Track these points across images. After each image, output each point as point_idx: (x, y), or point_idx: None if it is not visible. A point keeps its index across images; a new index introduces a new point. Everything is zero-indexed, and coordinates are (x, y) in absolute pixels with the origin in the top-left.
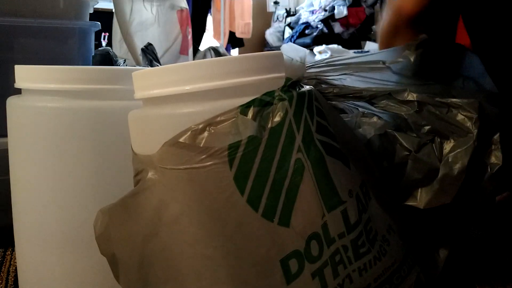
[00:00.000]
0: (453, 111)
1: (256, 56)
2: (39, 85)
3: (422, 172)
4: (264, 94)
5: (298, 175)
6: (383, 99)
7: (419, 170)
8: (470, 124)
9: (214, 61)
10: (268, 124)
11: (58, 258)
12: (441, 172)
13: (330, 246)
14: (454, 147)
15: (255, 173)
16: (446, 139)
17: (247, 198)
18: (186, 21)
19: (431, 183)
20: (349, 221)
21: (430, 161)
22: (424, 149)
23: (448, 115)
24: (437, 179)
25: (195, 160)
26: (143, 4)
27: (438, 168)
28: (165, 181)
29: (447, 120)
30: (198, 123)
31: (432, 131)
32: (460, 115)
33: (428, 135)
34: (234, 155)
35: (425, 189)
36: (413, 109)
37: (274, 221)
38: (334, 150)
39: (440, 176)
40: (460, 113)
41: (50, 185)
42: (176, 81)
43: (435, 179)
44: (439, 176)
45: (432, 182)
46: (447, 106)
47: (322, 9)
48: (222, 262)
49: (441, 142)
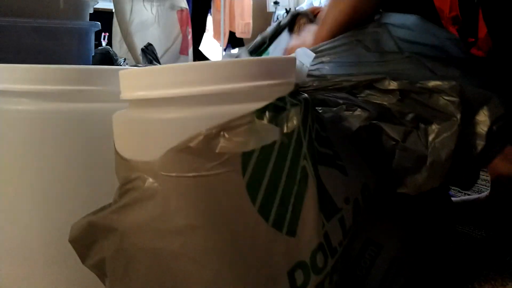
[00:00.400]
0: (434, 96)
1: (267, 60)
2: (5, 86)
3: (410, 161)
4: (277, 99)
5: (304, 183)
6: (365, 89)
7: (407, 159)
8: (453, 108)
9: (220, 63)
10: (283, 130)
11: (41, 274)
12: (429, 159)
13: (334, 256)
14: (439, 132)
15: (267, 181)
16: (430, 124)
17: (259, 207)
18: (186, 21)
19: (420, 170)
20: (345, 228)
21: (417, 149)
22: (410, 137)
23: (430, 100)
24: (425, 166)
25: (205, 167)
26: (143, 4)
27: (426, 155)
28: (168, 189)
29: (430, 105)
30: (210, 128)
31: (416, 118)
32: (442, 100)
33: (412, 122)
34: (248, 162)
35: (415, 177)
36: (395, 98)
37: (283, 231)
38: (329, 158)
39: (429, 163)
40: (442, 98)
41: (28, 197)
42: (181, 82)
43: (423, 166)
44: (428, 163)
45: (421, 169)
46: (428, 92)
47: None
48: (229, 276)
49: (425, 128)
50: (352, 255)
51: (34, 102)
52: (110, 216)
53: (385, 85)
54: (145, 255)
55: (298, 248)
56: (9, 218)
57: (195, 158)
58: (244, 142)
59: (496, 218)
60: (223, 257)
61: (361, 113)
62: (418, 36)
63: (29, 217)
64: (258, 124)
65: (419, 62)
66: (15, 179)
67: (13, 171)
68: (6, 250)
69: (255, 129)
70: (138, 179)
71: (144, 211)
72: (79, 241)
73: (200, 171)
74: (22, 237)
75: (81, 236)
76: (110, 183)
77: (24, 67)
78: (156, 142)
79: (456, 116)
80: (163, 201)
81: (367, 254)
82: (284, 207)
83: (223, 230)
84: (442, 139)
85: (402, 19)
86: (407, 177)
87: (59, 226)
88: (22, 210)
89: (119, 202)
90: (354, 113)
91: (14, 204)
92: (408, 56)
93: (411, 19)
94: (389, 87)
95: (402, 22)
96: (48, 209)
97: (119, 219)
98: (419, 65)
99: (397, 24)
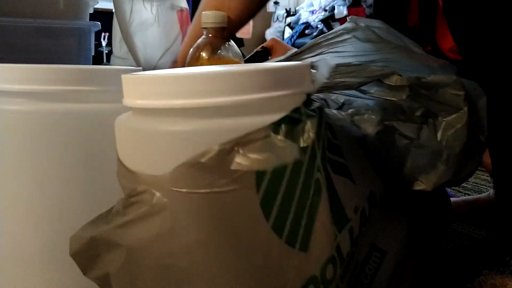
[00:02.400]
0: (440, 90)
1: (282, 68)
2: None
3: (426, 157)
4: (292, 110)
5: (317, 196)
6: (374, 86)
7: (423, 155)
8: (460, 101)
9: (234, 72)
10: (299, 144)
11: (41, 278)
12: (445, 152)
13: (342, 266)
14: (450, 126)
15: (281, 197)
16: (437, 118)
17: (273, 224)
18: (186, 21)
19: (436, 164)
20: (353, 238)
21: (431, 144)
22: (422, 133)
23: (437, 94)
24: (442, 160)
25: (218, 184)
26: (143, 4)
27: (439, 149)
28: (177, 206)
29: (437, 99)
30: (224, 143)
31: (425, 113)
32: (448, 93)
33: (421, 118)
34: (262, 178)
35: (432, 172)
36: (405, 94)
37: (296, 247)
38: (341, 167)
39: (445, 157)
40: (448, 92)
41: (24, 197)
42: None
43: (439, 160)
44: (444, 157)
45: (437, 164)
46: (435, 86)
47: (322, 9)
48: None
49: (433, 122)
50: (358, 262)
51: (31, 103)
52: (114, 231)
53: (394, 81)
54: (153, 272)
55: (310, 262)
56: (5, 219)
57: (208, 174)
58: (261, 160)
59: (498, 219)
60: (235, 275)
61: (372, 116)
62: (387, 36)
63: (25, 218)
64: (274, 139)
65: (406, 52)
66: (11, 180)
67: (10, 172)
68: (3, 252)
69: (271, 145)
70: (145, 193)
71: (151, 227)
72: (80, 255)
73: (213, 188)
74: (18, 239)
75: (82, 250)
76: (108, 185)
77: (19, 67)
78: (165, 155)
79: (464, 109)
80: (173, 217)
81: (372, 260)
82: (297, 222)
83: (236, 247)
84: (455, 131)
85: (370, 22)
86: (423, 174)
87: (56, 228)
88: (18, 211)
89: (124, 216)
90: (365, 117)
91: (10, 205)
92: (396, 47)
93: (376, 22)
94: (398, 83)
95: (370, 24)
96: (45, 210)
97: (125, 234)
98: (407, 55)
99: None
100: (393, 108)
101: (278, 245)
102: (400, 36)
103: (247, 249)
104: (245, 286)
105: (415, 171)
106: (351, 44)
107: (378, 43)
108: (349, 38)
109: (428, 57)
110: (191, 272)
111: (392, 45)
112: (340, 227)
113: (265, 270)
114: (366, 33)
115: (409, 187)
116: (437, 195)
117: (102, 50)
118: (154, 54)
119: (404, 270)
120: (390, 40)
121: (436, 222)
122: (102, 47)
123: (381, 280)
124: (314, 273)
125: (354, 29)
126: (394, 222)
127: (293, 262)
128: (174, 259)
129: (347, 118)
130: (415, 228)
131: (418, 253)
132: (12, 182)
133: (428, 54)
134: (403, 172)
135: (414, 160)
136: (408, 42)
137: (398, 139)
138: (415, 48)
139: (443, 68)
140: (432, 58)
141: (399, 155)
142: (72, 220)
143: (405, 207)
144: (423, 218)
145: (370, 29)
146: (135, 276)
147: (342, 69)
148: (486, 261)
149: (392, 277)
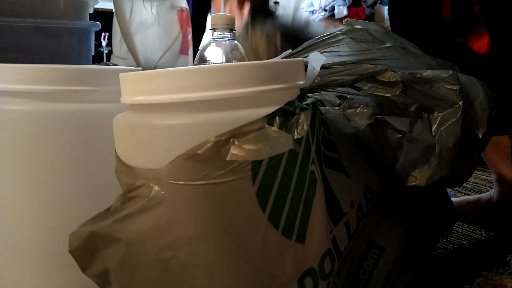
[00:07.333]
0: (434, 85)
1: (276, 63)
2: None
3: (419, 151)
4: (286, 103)
5: (312, 188)
6: (367, 83)
7: (415, 150)
8: (455, 95)
9: (228, 67)
10: (293, 136)
11: (44, 279)
12: (438, 147)
13: (339, 260)
14: (444, 120)
15: (277, 188)
16: (432, 113)
17: (269, 215)
18: (186, 21)
19: (429, 159)
20: (350, 232)
21: (424, 138)
22: (415, 127)
23: (431, 89)
24: (434, 154)
25: (214, 175)
26: (143, 4)
27: (432, 143)
28: (175, 198)
29: (431, 94)
30: (220, 134)
31: (419, 108)
32: (443, 88)
33: (415, 113)
34: (258, 169)
35: (425, 167)
36: (398, 89)
37: (292, 238)
38: (335, 162)
39: (438, 151)
40: (443, 86)
41: (24, 198)
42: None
43: (431, 155)
44: (436, 151)
45: (430, 158)
46: (429, 81)
47: (322, 9)
48: (239, 286)
49: (428, 117)
50: (356, 258)
51: (31, 103)
52: (113, 226)
53: (387, 77)
54: (152, 265)
55: (307, 254)
56: (6, 218)
57: (204, 166)
58: (256, 150)
59: (501, 218)
60: (232, 266)
61: (365, 110)
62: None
63: (26, 218)
64: (268, 130)
65: (402, 51)
66: (11, 180)
67: (10, 171)
68: (5, 253)
69: (266, 136)
70: (143, 187)
71: (150, 220)
72: (79, 251)
73: (209, 179)
74: (19, 239)
75: (81, 246)
76: (108, 184)
77: (19, 67)
78: (162, 149)
79: (458, 103)
80: (170, 210)
81: (370, 256)
82: (293, 214)
83: (233, 238)
84: (448, 126)
85: (366, 24)
86: (416, 168)
87: (57, 227)
88: (19, 210)
89: (123, 211)
90: (357, 111)
91: (11, 205)
92: (391, 46)
93: (373, 25)
94: (391, 78)
95: (366, 26)
96: (45, 209)
97: (123, 228)
98: (404, 53)
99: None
100: (387, 103)
101: (275, 236)
102: (397, 37)
103: (244, 240)
104: (243, 277)
105: (408, 165)
106: (346, 44)
107: (373, 42)
108: (344, 38)
109: (426, 56)
110: (190, 263)
111: (388, 44)
112: (336, 220)
113: (262, 261)
114: (362, 34)
115: (404, 182)
116: (437, 195)
117: (102, 50)
118: (154, 54)
119: (402, 267)
120: (386, 40)
121: (437, 221)
122: (102, 47)
123: (379, 276)
124: (311, 266)
125: (350, 31)
126: (393, 219)
127: (290, 253)
128: (172, 251)
129: (340, 112)
130: (414, 226)
131: (417, 250)
132: (12, 182)
133: (425, 54)
134: (397, 167)
135: (407, 154)
136: (406, 43)
137: (390, 133)
138: (413, 48)
139: (442, 66)
140: (431, 57)
141: (392, 150)
142: (72, 220)
143: (404, 205)
144: (423, 216)
145: (366, 31)
146: (135, 270)
147: (337, 68)
148: (486, 261)
149: (390, 274)
